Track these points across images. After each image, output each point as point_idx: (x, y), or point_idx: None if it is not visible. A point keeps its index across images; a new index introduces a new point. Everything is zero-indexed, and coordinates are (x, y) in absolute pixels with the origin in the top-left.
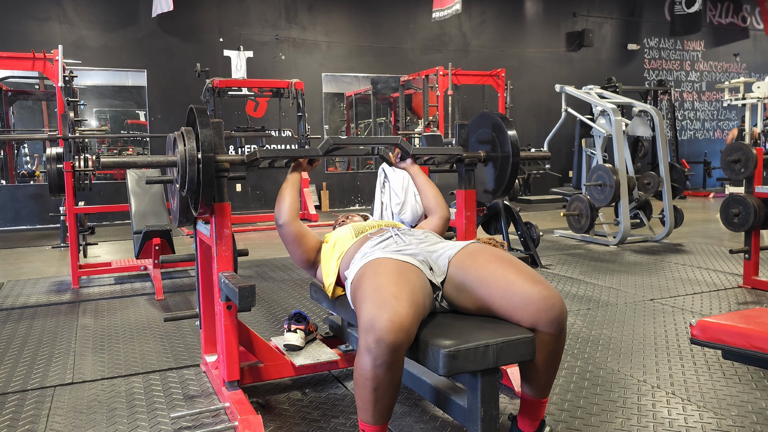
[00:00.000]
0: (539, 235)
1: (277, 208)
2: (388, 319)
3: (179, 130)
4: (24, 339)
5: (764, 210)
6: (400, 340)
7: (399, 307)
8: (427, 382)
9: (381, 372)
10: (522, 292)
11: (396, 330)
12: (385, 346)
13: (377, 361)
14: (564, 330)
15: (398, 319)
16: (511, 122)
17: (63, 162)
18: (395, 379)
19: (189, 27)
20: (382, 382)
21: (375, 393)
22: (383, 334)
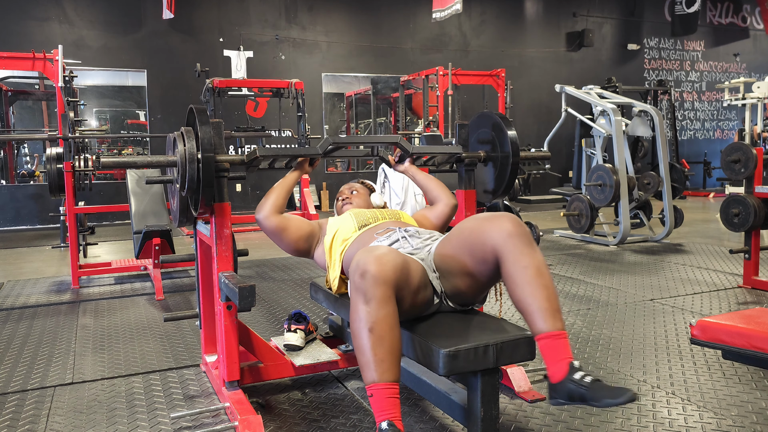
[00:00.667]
0: (539, 235)
1: (260, 202)
2: (373, 257)
3: (179, 130)
4: (24, 339)
5: (764, 210)
6: (385, 272)
7: (384, 249)
8: (427, 382)
9: (373, 308)
10: (488, 228)
11: (381, 263)
12: (371, 277)
13: (367, 296)
14: (532, 244)
15: (383, 256)
16: (511, 122)
17: (63, 162)
18: (389, 318)
19: (189, 27)
20: (376, 320)
21: (372, 336)
22: (368, 267)
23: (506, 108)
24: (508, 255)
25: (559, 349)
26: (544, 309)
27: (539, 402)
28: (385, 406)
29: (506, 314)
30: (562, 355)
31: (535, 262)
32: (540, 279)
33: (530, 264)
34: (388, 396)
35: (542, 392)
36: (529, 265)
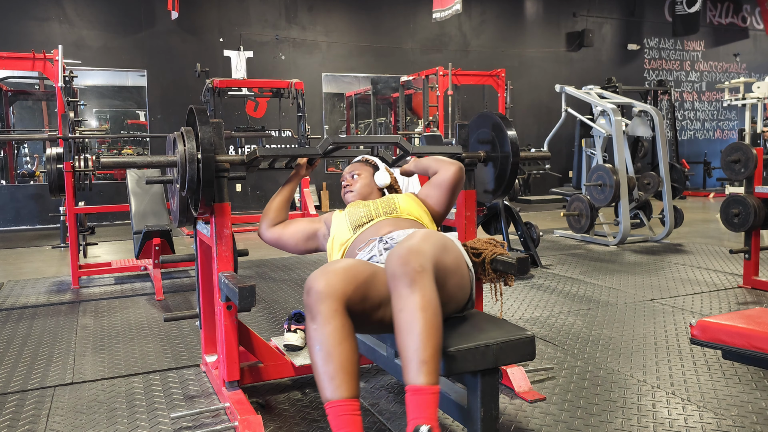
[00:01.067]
0: (539, 235)
1: (262, 215)
2: (321, 271)
3: (179, 130)
4: (24, 339)
5: (764, 210)
6: (331, 286)
7: (342, 263)
8: None
9: (319, 325)
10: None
11: (327, 278)
12: (315, 293)
13: (313, 312)
14: (413, 285)
15: (331, 271)
16: (510, 122)
17: (63, 162)
18: (336, 333)
19: (189, 27)
20: (322, 337)
21: (320, 353)
22: (313, 283)
23: (506, 108)
24: (391, 295)
25: (416, 406)
26: (410, 360)
27: (539, 402)
28: (339, 425)
29: (506, 314)
30: (415, 414)
31: (410, 306)
32: (412, 325)
33: (404, 308)
34: (342, 414)
35: (542, 392)
36: (403, 309)
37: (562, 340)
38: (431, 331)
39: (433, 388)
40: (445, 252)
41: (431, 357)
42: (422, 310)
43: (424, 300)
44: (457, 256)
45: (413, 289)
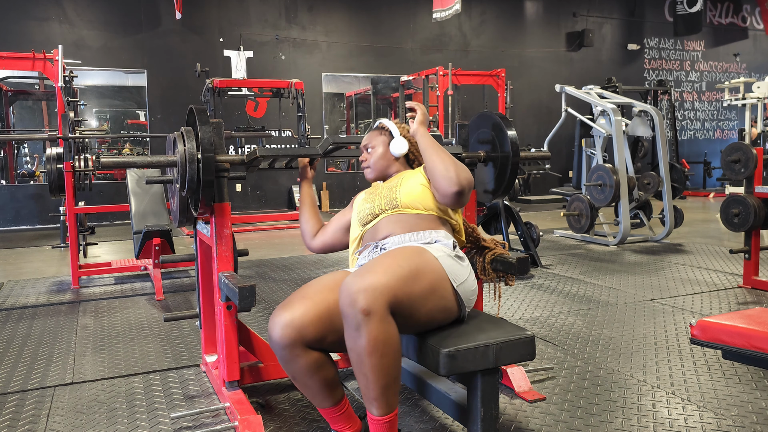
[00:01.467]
0: (539, 235)
1: (301, 234)
2: (275, 320)
3: (179, 130)
4: (24, 339)
5: (764, 210)
6: (285, 338)
7: (288, 311)
8: (427, 382)
9: (285, 363)
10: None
11: (281, 331)
12: (274, 342)
13: (278, 355)
14: (359, 328)
15: (283, 326)
16: (510, 122)
17: (63, 162)
18: (306, 370)
19: (189, 27)
20: (293, 372)
21: (298, 383)
22: (271, 332)
23: (506, 108)
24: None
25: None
26: (364, 393)
27: (539, 402)
28: (332, 423)
29: (506, 314)
30: None
31: (357, 348)
32: (360, 367)
33: (353, 348)
34: (332, 415)
35: (542, 392)
36: (352, 349)
37: (562, 340)
38: (379, 374)
39: (384, 418)
40: (414, 280)
41: (380, 395)
42: (368, 355)
43: (370, 344)
44: (434, 280)
45: (359, 332)
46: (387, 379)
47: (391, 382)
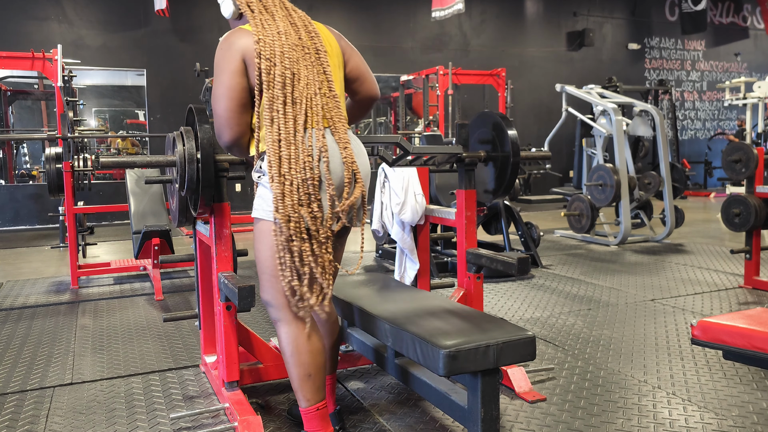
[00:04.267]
0: (540, 235)
1: None
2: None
3: (178, 130)
4: (23, 339)
5: (765, 210)
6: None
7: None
8: (427, 382)
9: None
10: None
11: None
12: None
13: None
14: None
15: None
16: (511, 122)
17: (62, 162)
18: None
19: (188, 26)
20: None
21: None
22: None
23: (507, 108)
24: None
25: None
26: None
27: (540, 402)
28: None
29: (506, 314)
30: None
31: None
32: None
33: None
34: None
35: (543, 393)
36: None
37: (562, 340)
38: (289, 370)
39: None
40: (261, 274)
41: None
42: (284, 357)
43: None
44: (262, 259)
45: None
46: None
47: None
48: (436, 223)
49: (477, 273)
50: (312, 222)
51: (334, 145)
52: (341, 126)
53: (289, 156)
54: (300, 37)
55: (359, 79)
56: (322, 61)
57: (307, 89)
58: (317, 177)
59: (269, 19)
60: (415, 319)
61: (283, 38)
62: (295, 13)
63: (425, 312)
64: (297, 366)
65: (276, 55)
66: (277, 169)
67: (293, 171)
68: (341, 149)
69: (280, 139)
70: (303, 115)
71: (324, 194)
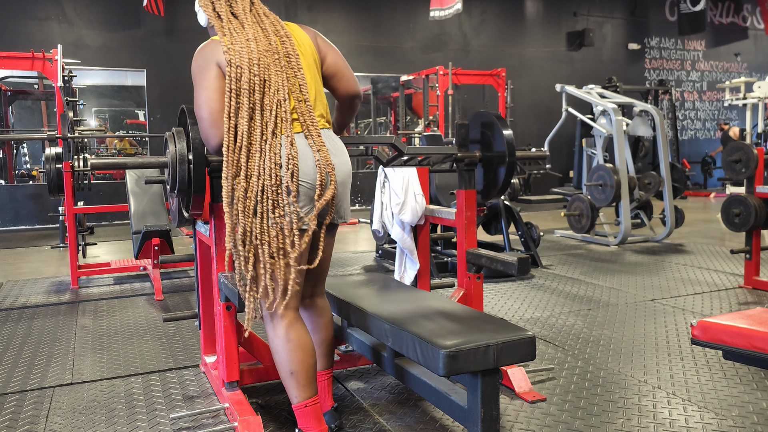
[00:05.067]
0: (540, 235)
1: None
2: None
3: (170, 131)
4: (23, 339)
5: (765, 210)
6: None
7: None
8: (427, 382)
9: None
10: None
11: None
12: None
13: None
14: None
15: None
16: (506, 122)
17: (62, 162)
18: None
19: (188, 26)
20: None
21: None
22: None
23: (507, 108)
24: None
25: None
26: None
27: (540, 403)
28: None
29: (506, 314)
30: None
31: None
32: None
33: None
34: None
35: (543, 393)
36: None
37: (562, 340)
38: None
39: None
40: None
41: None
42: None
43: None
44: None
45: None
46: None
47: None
48: (436, 223)
49: (477, 273)
50: (272, 228)
51: (306, 149)
52: (314, 129)
53: (253, 163)
54: (270, 42)
55: (336, 75)
56: (293, 65)
57: (277, 95)
58: (278, 184)
59: (238, 26)
60: (415, 319)
61: (252, 45)
62: (266, 18)
63: (425, 312)
64: (279, 363)
65: (245, 62)
66: (231, 176)
67: (254, 178)
68: (314, 152)
69: (241, 146)
70: (273, 122)
71: (291, 201)
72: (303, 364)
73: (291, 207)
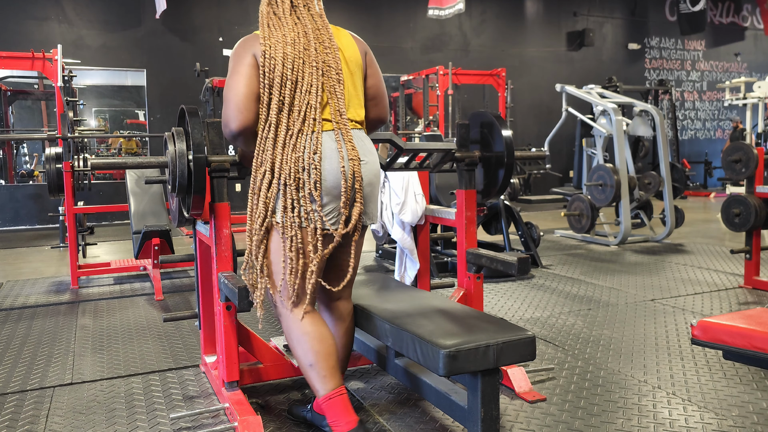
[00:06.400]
0: (540, 235)
1: None
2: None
3: (170, 131)
4: (23, 339)
5: (765, 210)
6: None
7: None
8: (427, 382)
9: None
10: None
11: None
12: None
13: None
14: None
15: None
16: (505, 122)
17: (62, 162)
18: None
19: (188, 26)
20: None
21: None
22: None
23: (507, 108)
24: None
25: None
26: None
27: (540, 402)
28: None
29: (506, 314)
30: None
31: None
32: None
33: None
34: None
35: (543, 393)
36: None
37: (562, 340)
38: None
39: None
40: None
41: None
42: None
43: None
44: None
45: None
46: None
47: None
48: (436, 223)
49: (477, 273)
50: (292, 227)
51: (333, 148)
52: (345, 131)
53: (277, 158)
54: (309, 43)
55: (374, 99)
56: (330, 70)
57: (307, 96)
58: (297, 186)
59: (278, 24)
60: (415, 319)
61: (289, 48)
62: (310, 23)
63: (425, 312)
64: (298, 358)
65: (279, 56)
66: (258, 164)
67: (276, 174)
68: (342, 151)
69: (268, 138)
70: (300, 122)
71: (317, 208)
72: (321, 354)
73: (315, 214)
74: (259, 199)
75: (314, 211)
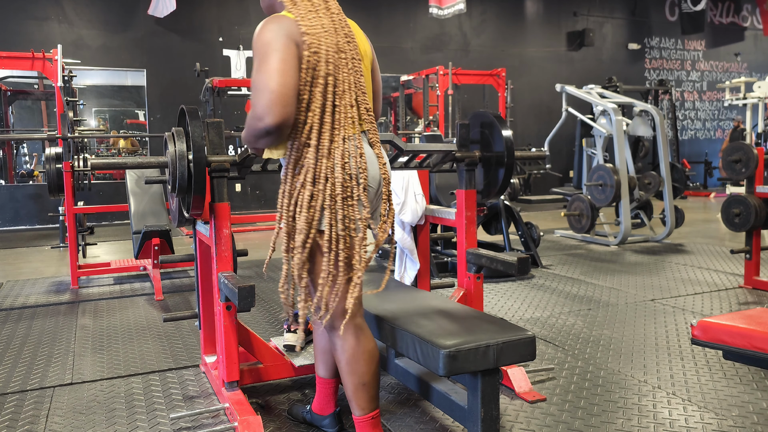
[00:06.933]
0: (540, 235)
1: None
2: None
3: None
4: (23, 339)
5: (765, 210)
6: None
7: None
8: (428, 382)
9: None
10: None
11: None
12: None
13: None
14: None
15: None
16: (505, 122)
17: (62, 162)
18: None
19: (188, 26)
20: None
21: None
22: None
23: (507, 108)
24: None
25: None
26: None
27: (540, 402)
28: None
29: (506, 314)
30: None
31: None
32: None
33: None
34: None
35: (543, 393)
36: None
37: (562, 340)
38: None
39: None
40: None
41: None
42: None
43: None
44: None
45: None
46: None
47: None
48: (436, 223)
49: (477, 273)
50: (340, 240)
51: (372, 153)
52: (375, 134)
53: (321, 166)
54: (339, 38)
55: (376, 94)
56: (356, 67)
57: (348, 95)
58: (348, 195)
59: (313, 11)
60: (415, 319)
61: (329, 38)
62: (335, 15)
63: (425, 312)
64: (351, 374)
65: (322, 51)
66: (292, 174)
67: (321, 184)
68: (378, 160)
69: (307, 144)
70: (343, 126)
71: (365, 215)
72: (376, 375)
73: (364, 222)
74: (300, 215)
75: (364, 219)
